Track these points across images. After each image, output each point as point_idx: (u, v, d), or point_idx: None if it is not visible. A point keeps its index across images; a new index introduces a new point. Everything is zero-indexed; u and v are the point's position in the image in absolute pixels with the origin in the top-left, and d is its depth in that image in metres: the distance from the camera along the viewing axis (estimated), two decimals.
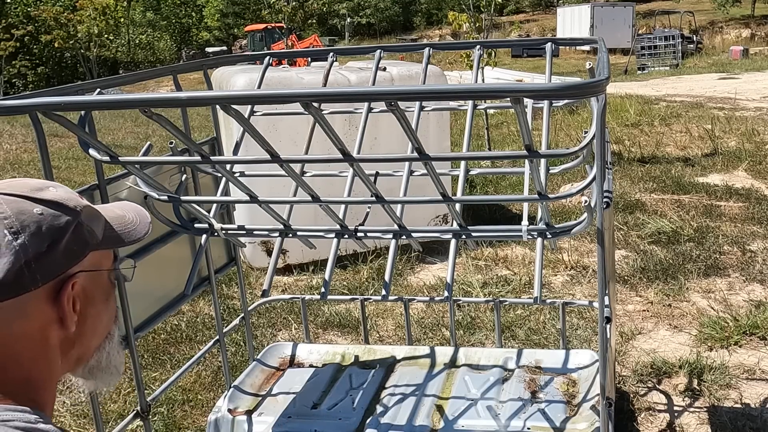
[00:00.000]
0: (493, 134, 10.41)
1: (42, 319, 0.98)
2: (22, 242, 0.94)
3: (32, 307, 0.97)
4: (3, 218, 0.95)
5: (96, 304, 1.07)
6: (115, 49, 46.65)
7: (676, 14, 33.76)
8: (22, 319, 0.96)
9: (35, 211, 0.98)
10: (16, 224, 0.95)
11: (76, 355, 1.07)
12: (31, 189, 1.01)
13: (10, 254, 0.93)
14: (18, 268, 0.94)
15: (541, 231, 1.96)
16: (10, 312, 0.95)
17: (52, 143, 9.84)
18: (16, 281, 0.94)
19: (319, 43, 32.58)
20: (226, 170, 1.97)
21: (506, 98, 1.35)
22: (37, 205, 0.99)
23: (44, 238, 0.97)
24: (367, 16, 59.05)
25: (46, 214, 0.98)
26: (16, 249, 0.94)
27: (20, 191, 1.00)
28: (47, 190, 1.02)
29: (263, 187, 2.07)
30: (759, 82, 17.01)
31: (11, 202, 0.97)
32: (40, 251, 0.96)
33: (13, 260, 0.93)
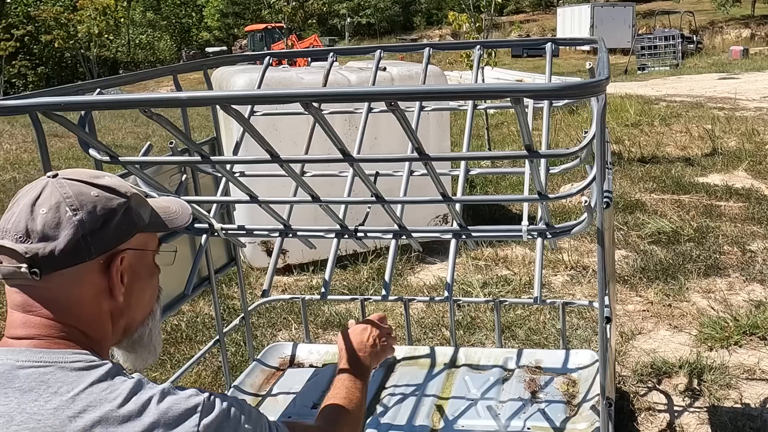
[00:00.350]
0: (493, 134, 10.41)
1: (95, 287, 1.14)
2: (81, 218, 1.11)
3: (87, 276, 1.13)
4: (65, 197, 1.11)
5: (141, 280, 1.22)
6: (115, 49, 46.68)
7: (676, 14, 33.78)
8: (79, 285, 1.13)
9: (92, 193, 1.14)
10: (76, 203, 1.12)
11: (124, 324, 1.22)
12: (89, 176, 1.18)
13: (71, 228, 1.10)
14: (76, 240, 1.10)
15: (541, 231, 1.96)
16: (69, 278, 1.11)
17: (52, 143, 9.84)
18: (74, 251, 1.10)
19: (319, 43, 32.57)
20: (226, 170, 1.97)
21: (506, 98, 1.34)
22: (93, 188, 1.15)
23: (99, 216, 1.13)
24: (367, 16, 59.05)
25: (101, 196, 1.15)
26: (76, 224, 1.10)
27: (80, 177, 1.17)
28: (103, 178, 1.19)
29: (263, 187, 2.06)
30: (759, 82, 17.01)
31: (72, 185, 1.14)
32: (95, 227, 1.12)
33: (73, 233, 1.10)
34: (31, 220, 1.09)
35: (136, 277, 1.20)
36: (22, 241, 1.08)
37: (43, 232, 1.08)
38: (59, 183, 1.14)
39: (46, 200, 1.11)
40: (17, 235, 1.09)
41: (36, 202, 1.11)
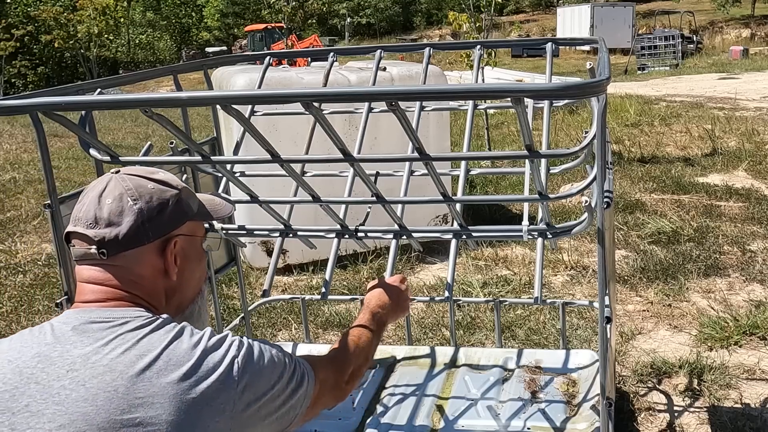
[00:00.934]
0: (493, 134, 10.41)
1: (153, 267, 1.32)
2: (140, 207, 1.29)
3: (146, 257, 1.31)
4: (127, 189, 1.30)
5: (191, 262, 1.40)
6: (115, 49, 46.67)
7: (676, 14, 33.78)
8: (140, 264, 1.31)
9: (149, 186, 1.33)
10: (136, 194, 1.30)
11: (177, 302, 1.39)
12: (147, 172, 1.37)
13: (132, 215, 1.28)
14: (137, 226, 1.28)
15: (542, 231, 1.96)
16: (132, 259, 1.30)
17: (52, 143, 9.84)
18: (135, 235, 1.28)
19: (319, 43, 32.56)
20: (226, 170, 1.97)
21: (506, 98, 1.34)
22: (150, 182, 1.34)
23: (155, 205, 1.31)
24: (367, 16, 59.06)
25: (156, 189, 1.33)
26: (136, 212, 1.29)
27: (139, 172, 1.36)
28: (158, 173, 1.38)
29: (263, 187, 2.07)
30: (759, 82, 17.01)
31: (132, 179, 1.33)
32: (152, 215, 1.30)
33: (134, 220, 1.28)
34: (99, 209, 1.28)
35: (187, 259, 1.38)
36: (92, 227, 1.27)
37: (109, 219, 1.27)
38: (121, 177, 1.32)
39: (111, 192, 1.30)
40: (87, 222, 1.28)
41: (102, 194, 1.29)
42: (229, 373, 1.22)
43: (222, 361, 1.23)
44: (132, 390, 1.14)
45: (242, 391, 1.24)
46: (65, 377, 1.15)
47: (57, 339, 1.21)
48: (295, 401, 1.36)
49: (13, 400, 1.13)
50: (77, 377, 1.15)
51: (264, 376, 1.29)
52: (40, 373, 1.16)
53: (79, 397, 1.13)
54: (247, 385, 1.25)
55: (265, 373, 1.29)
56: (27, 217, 7.39)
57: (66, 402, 1.12)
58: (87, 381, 1.14)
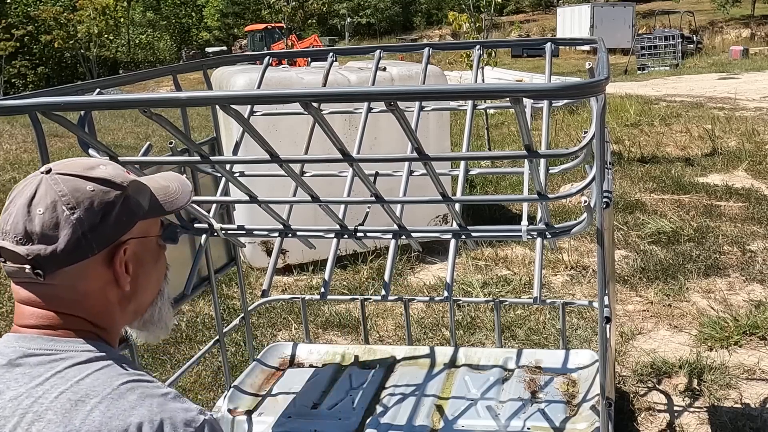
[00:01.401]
0: (493, 134, 10.41)
1: (100, 280, 1.15)
2: (79, 216, 1.10)
3: (91, 270, 1.14)
4: (61, 196, 1.10)
5: (146, 266, 1.23)
6: (115, 49, 46.67)
7: (676, 14, 33.78)
8: (85, 280, 1.14)
9: (88, 188, 1.13)
10: (72, 201, 1.10)
11: (133, 309, 1.24)
12: (84, 168, 1.15)
13: (69, 227, 1.09)
14: (77, 238, 1.10)
15: (541, 231, 1.96)
16: (74, 275, 1.12)
17: (52, 143, 9.83)
18: (76, 250, 1.10)
19: (319, 43, 32.56)
20: (225, 170, 1.97)
21: (506, 98, 1.35)
22: (89, 182, 1.13)
23: (97, 211, 1.12)
24: (367, 16, 59.06)
25: (97, 190, 1.13)
26: (74, 222, 1.10)
27: (74, 171, 1.14)
28: (97, 169, 1.16)
29: (263, 187, 2.06)
30: (759, 82, 17.01)
31: (67, 181, 1.12)
32: (94, 223, 1.11)
33: (72, 232, 1.09)
34: (29, 222, 1.09)
35: (141, 263, 1.21)
36: (23, 243, 1.09)
37: (43, 233, 1.09)
38: (53, 180, 1.12)
39: (42, 199, 1.10)
40: (17, 237, 1.09)
41: (32, 202, 1.10)
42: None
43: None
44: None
45: None
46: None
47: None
48: None
49: None
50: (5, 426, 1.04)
51: None
52: None
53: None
54: None
55: None
56: None
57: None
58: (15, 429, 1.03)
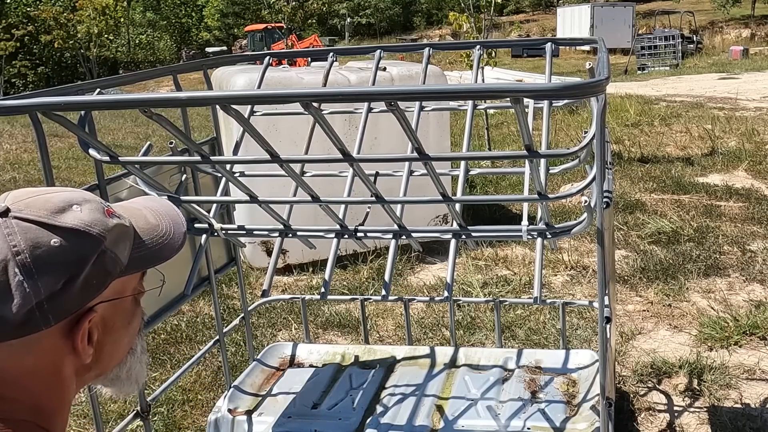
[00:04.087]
0: (493, 134, 10.41)
1: (55, 353, 0.91)
2: (34, 283, 0.85)
3: (44, 343, 0.90)
4: (15, 253, 0.85)
5: (116, 331, 0.99)
6: (115, 49, 46.69)
7: (676, 14, 33.76)
8: (33, 354, 0.89)
9: (52, 242, 0.87)
10: (29, 261, 0.85)
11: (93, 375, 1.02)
12: (52, 211, 0.90)
13: (20, 296, 0.85)
14: (29, 309, 0.85)
15: (541, 231, 1.96)
16: (20, 348, 0.88)
17: (52, 143, 9.82)
18: (26, 322, 0.86)
19: (319, 43, 32.56)
20: (226, 170, 1.97)
21: (506, 98, 1.35)
22: (54, 235, 0.88)
23: (60, 274, 0.87)
24: (367, 16, 59.06)
25: (63, 247, 0.88)
26: (27, 291, 0.85)
27: (38, 215, 0.89)
28: (69, 212, 0.91)
29: (263, 187, 2.06)
30: (759, 82, 17.01)
31: (26, 230, 0.87)
32: (53, 290, 0.86)
33: (23, 302, 0.85)
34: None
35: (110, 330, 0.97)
36: None
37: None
38: (9, 228, 0.86)
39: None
40: None
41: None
42: None
43: None
44: None
45: None
46: None
47: None
48: None
49: None
50: None
51: None
52: None
53: None
54: None
55: None
56: None
57: None
58: None
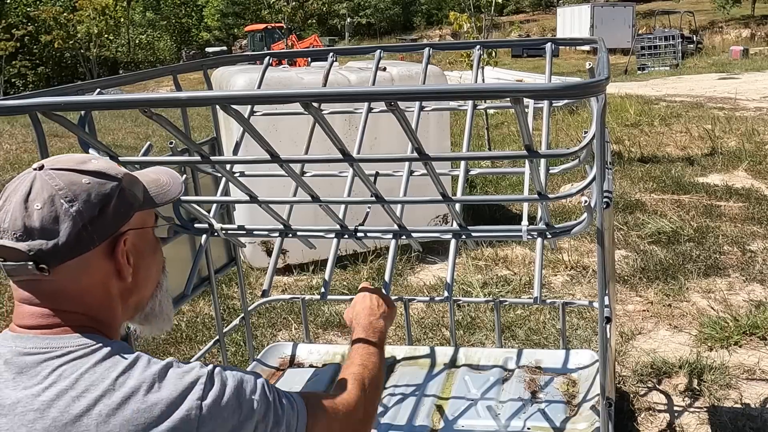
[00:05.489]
0: (493, 134, 10.41)
1: (102, 273, 1.15)
2: (78, 209, 1.10)
3: (93, 263, 1.13)
4: (58, 189, 1.10)
5: (146, 257, 1.23)
6: (115, 49, 46.71)
7: (676, 14, 33.75)
8: (87, 274, 1.13)
9: (84, 181, 1.12)
10: (70, 194, 1.10)
11: (134, 302, 1.24)
12: (77, 162, 1.15)
13: (69, 220, 1.09)
14: (77, 231, 1.10)
15: (541, 231, 1.96)
16: (76, 269, 1.12)
17: (52, 143, 9.80)
18: (77, 243, 1.10)
19: (319, 43, 32.57)
20: (226, 170, 1.97)
21: (506, 98, 1.34)
22: (84, 175, 1.13)
23: (95, 203, 1.12)
24: (367, 16, 59.08)
25: (93, 183, 1.13)
26: (74, 215, 1.09)
27: (67, 165, 1.14)
28: (90, 162, 1.16)
29: (263, 187, 2.06)
30: (759, 82, 17.01)
31: (61, 175, 1.11)
32: (93, 215, 1.11)
33: (73, 225, 1.09)
34: (28, 217, 1.08)
35: (141, 255, 1.22)
36: (23, 240, 1.08)
37: (43, 228, 1.08)
38: (48, 175, 1.11)
39: (39, 194, 1.09)
40: (16, 234, 1.08)
41: (28, 198, 1.09)
42: (186, 421, 1.06)
43: (181, 403, 1.06)
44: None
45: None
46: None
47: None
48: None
49: None
50: (6, 425, 1.03)
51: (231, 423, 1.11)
52: None
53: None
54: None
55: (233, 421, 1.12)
56: None
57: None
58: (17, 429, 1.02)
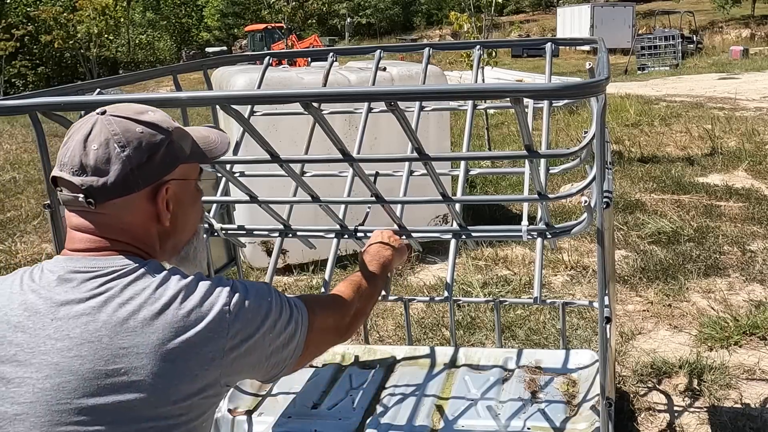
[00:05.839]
0: (493, 134, 10.41)
1: (144, 214, 1.29)
2: (128, 154, 1.23)
3: (137, 204, 1.27)
4: (113, 134, 1.23)
5: (185, 206, 1.36)
6: (115, 49, 46.69)
7: (676, 14, 33.74)
8: (131, 213, 1.27)
9: (137, 129, 1.25)
10: (123, 140, 1.24)
11: (171, 245, 1.38)
12: (134, 112, 1.28)
13: (119, 163, 1.23)
14: (125, 174, 1.23)
15: (541, 231, 1.96)
16: (121, 207, 1.26)
17: (52, 143, 9.79)
18: (124, 184, 1.24)
19: (319, 43, 32.56)
20: (226, 170, 1.97)
21: (506, 98, 1.34)
22: (138, 125, 1.26)
23: (144, 151, 1.25)
24: (367, 16, 59.08)
25: (145, 132, 1.26)
26: (124, 159, 1.23)
27: (126, 113, 1.27)
28: (147, 114, 1.29)
29: (263, 187, 2.07)
30: (759, 82, 17.01)
31: (119, 122, 1.25)
32: (141, 161, 1.25)
33: (122, 167, 1.23)
34: (84, 156, 1.23)
35: (180, 204, 1.34)
36: (78, 175, 1.23)
37: (96, 167, 1.22)
38: (107, 120, 1.25)
39: (96, 137, 1.23)
40: (73, 169, 1.23)
41: (87, 138, 1.24)
42: (219, 321, 1.22)
43: (212, 308, 1.22)
44: (116, 340, 1.15)
45: (232, 338, 1.24)
46: (50, 326, 1.17)
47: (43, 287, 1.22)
48: (287, 348, 1.37)
49: (1, 349, 1.16)
50: (62, 327, 1.16)
51: (256, 323, 1.29)
52: (27, 321, 1.18)
53: (64, 347, 1.15)
54: (237, 332, 1.25)
55: (257, 321, 1.29)
56: (27, 217, 7.39)
57: (51, 352, 1.15)
58: (71, 331, 1.16)
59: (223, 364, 1.23)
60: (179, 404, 1.18)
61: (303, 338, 1.41)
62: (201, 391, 1.21)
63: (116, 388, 1.13)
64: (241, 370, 1.29)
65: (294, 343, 1.38)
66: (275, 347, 1.34)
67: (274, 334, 1.33)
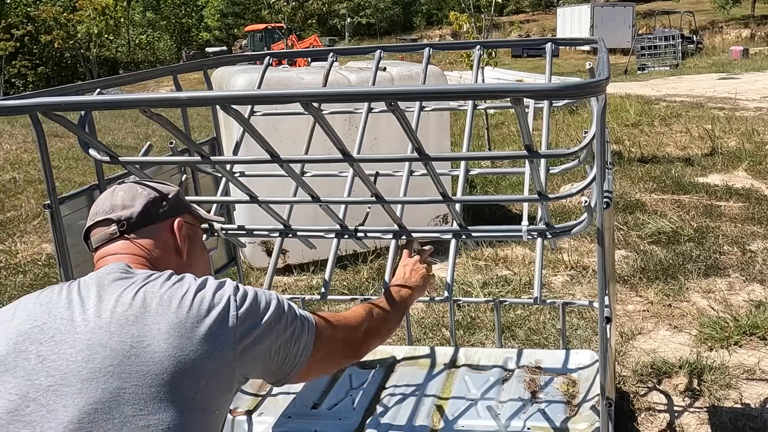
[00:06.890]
0: (493, 134, 10.41)
1: (165, 243, 1.56)
2: (148, 193, 1.58)
3: (159, 233, 1.56)
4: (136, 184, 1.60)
5: (196, 247, 1.65)
6: (115, 49, 46.69)
7: (676, 14, 33.74)
8: (154, 240, 1.55)
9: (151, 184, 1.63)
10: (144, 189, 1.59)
11: None
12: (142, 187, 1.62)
13: (143, 198, 1.56)
14: (148, 205, 1.56)
15: (541, 231, 1.96)
16: (147, 234, 1.54)
17: (52, 143, 9.83)
18: (148, 213, 1.55)
19: (319, 43, 32.56)
20: (226, 170, 1.97)
21: (506, 98, 1.34)
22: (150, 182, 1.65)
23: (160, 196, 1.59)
24: (367, 16, 59.09)
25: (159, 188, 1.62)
26: (146, 195, 1.57)
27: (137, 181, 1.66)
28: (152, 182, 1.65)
29: (263, 187, 2.07)
30: (759, 82, 17.01)
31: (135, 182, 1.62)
32: (158, 200, 1.58)
33: (146, 202, 1.56)
34: (113, 199, 1.55)
35: (193, 243, 1.63)
36: (110, 213, 1.53)
37: (124, 204, 1.54)
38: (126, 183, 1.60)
39: (121, 188, 1.58)
40: (105, 211, 1.54)
41: (114, 191, 1.58)
42: (229, 309, 1.38)
43: (222, 298, 1.38)
44: (141, 320, 1.31)
45: (241, 324, 1.37)
46: (85, 313, 1.33)
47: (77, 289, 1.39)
48: (295, 345, 1.48)
49: (41, 333, 1.31)
50: (95, 311, 1.33)
51: (262, 313, 1.42)
52: (66, 311, 1.34)
53: (96, 326, 1.31)
54: (246, 318, 1.39)
55: (263, 310, 1.43)
56: (27, 217, 7.39)
57: (84, 331, 1.30)
58: (102, 313, 1.32)
59: (235, 349, 1.36)
60: (195, 378, 1.30)
61: (311, 339, 1.52)
62: (215, 372, 1.33)
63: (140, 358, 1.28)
64: (254, 358, 1.40)
65: (302, 342, 1.50)
66: (284, 340, 1.45)
67: (281, 325, 1.45)
